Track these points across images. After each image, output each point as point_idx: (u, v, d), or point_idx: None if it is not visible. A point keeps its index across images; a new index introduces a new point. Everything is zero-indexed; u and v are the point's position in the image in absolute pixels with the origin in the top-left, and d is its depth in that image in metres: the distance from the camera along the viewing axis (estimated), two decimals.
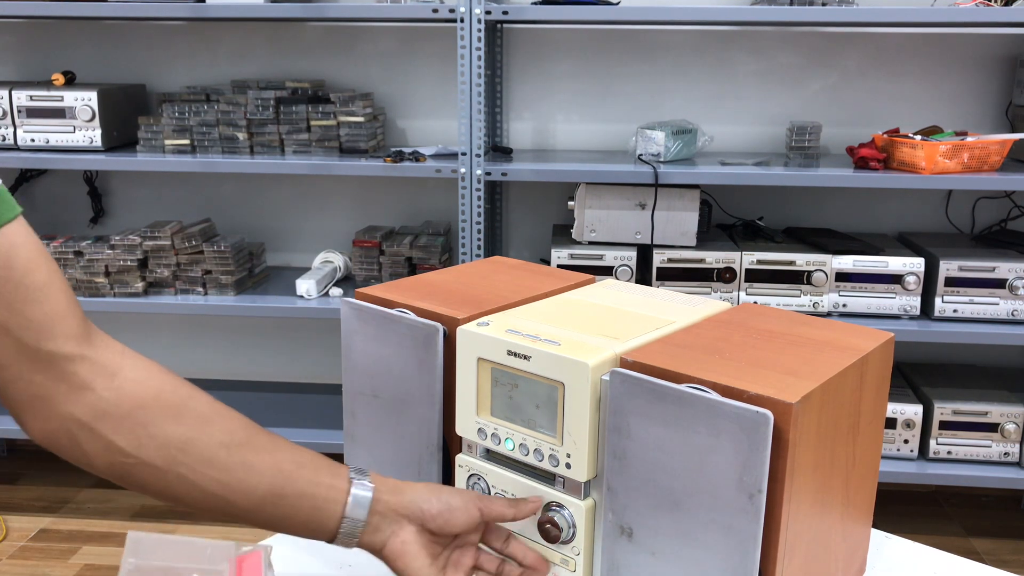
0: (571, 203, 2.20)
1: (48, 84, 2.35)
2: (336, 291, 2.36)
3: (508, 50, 2.51)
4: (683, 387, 0.72)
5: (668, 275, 2.19)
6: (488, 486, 0.87)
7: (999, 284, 2.13)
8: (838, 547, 0.84)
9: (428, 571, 0.79)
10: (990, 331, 2.11)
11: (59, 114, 2.29)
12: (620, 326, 0.86)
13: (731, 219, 2.48)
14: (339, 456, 0.90)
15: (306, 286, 2.32)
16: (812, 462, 0.74)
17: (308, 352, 2.77)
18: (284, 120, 2.32)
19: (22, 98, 2.29)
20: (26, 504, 2.55)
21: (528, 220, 2.62)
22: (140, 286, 2.33)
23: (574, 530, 0.82)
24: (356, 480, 0.79)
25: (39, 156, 2.28)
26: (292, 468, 0.77)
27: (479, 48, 2.10)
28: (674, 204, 2.17)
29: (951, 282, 2.15)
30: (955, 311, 2.16)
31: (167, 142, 2.34)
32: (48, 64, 2.61)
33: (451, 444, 0.92)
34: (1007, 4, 2.11)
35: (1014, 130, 2.37)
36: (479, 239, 2.21)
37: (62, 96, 2.28)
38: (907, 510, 2.58)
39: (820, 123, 2.36)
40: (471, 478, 0.89)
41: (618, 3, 2.20)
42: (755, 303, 0.99)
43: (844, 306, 2.18)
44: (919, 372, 2.43)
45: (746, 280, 2.18)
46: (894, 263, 2.15)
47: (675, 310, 0.92)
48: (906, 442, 2.20)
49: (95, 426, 0.70)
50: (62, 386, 0.69)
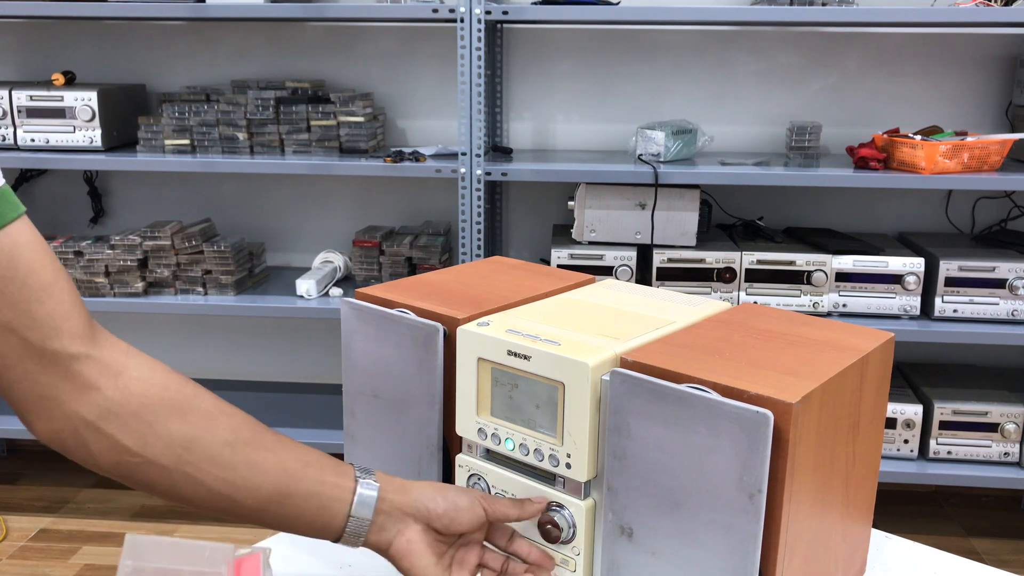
0: (571, 203, 2.20)
1: (48, 84, 2.35)
2: (336, 291, 2.36)
3: (508, 50, 2.51)
4: (683, 387, 0.72)
5: (668, 275, 2.19)
6: (488, 486, 0.87)
7: (999, 284, 2.13)
8: (838, 547, 0.84)
9: (434, 570, 0.79)
10: (990, 331, 2.11)
11: (59, 114, 2.29)
12: (620, 326, 0.86)
13: (731, 219, 2.48)
14: (339, 456, 0.90)
15: (306, 286, 2.32)
16: (812, 462, 0.74)
17: (308, 352, 2.77)
18: (284, 120, 2.32)
19: (22, 98, 2.29)
20: (26, 504, 2.55)
21: (528, 220, 2.62)
22: (140, 286, 2.33)
23: (574, 530, 0.82)
24: (362, 479, 0.79)
25: (39, 156, 2.28)
26: (297, 467, 0.77)
27: (479, 48, 2.10)
28: (674, 204, 2.17)
29: (951, 282, 2.15)
30: (955, 311, 2.16)
31: (167, 142, 2.34)
32: (48, 64, 2.61)
33: (451, 444, 0.92)
34: (1007, 4, 2.11)
35: (1014, 130, 2.37)
36: (479, 239, 2.21)
37: (62, 96, 2.28)
38: (907, 510, 2.58)
39: (820, 123, 2.36)
40: (471, 478, 0.89)
41: (618, 3, 2.20)
42: (755, 303, 0.99)
43: (844, 306, 2.18)
44: (919, 372, 2.43)
45: (746, 280, 2.18)
46: (894, 263, 2.15)
47: (675, 310, 0.92)
48: (906, 442, 2.20)
49: (101, 425, 0.70)
50: (67, 385, 0.69)
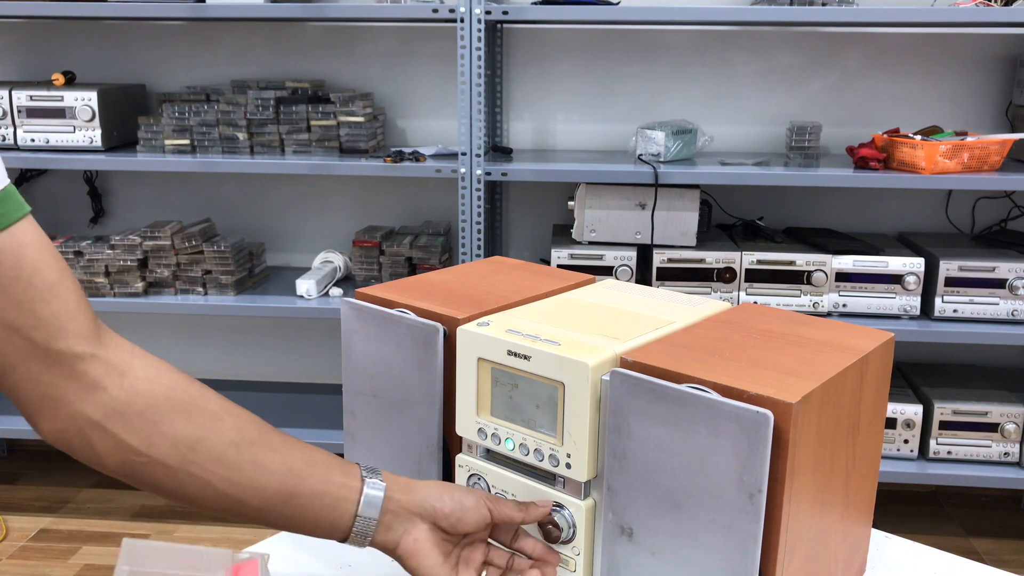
0: (571, 203, 2.20)
1: (48, 84, 2.35)
2: (336, 291, 2.36)
3: (508, 50, 2.51)
4: (683, 387, 0.72)
5: (668, 275, 2.19)
6: (488, 486, 0.87)
7: (999, 284, 2.13)
8: (838, 547, 0.84)
9: (441, 569, 0.79)
10: (990, 331, 2.11)
11: (59, 114, 2.29)
12: (620, 326, 0.86)
13: (731, 219, 2.48)
14: (340, 456, 0.90)
15: (306, 286, 2.32)
16: (812, 462, 0.74)
17: (308, 352, 2.77)
18: (284, 120, 2.32)
19: (22, 98, 2.29)
20: (26, 504, 2.55)
21: (528, 220, 2.62)
22: (140, 286, 2.33)
23: (574, 530, 0.82)
24: (368, 479, 0.79)
25: (39, 156, 2.28)
26: (303, 467, 0.77)
27: (479, 48, 2.10)
28: (674, 204, 2.17)
29: (951, 282, 2.15)
30: (955, 311, 2.16)
31: (167, 142, 2.34)
32: (48, 64, 2.61)
33: (451, 444, 0.92)
34: (1007, 4, 2.11)
35: (1014, 130, 2.37)
36: (479, 239, 2.21)
37: (62, 96, 2.28)
38: (907, 510, 2.58)
39: (820, 123, 2.36)
40: (471, 478, 0.89)
41: (618, 3, 2.20)
42: (755, 303, 0.99)
43: (844, 306, 2.17)
44: (919, 372, 2.43)
45: (746, 280, 2.18)
46: (894, 263, 2.15)
47: (675, 310, 0.92)
48: (906, 442, 2.20)
49: (107, 425, 0.70)
50: (73, 385, 0.69)
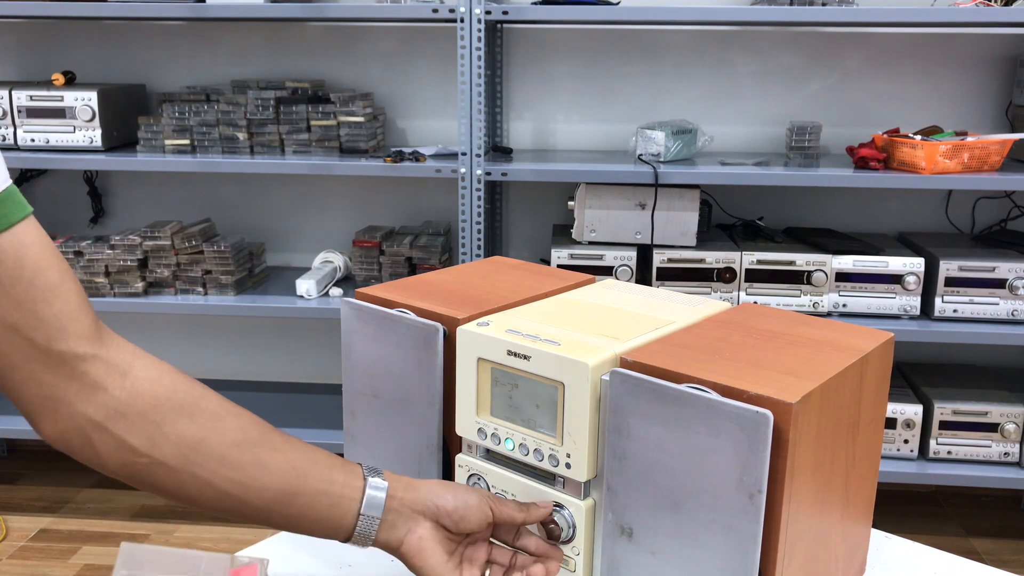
0: (571, 203, 2.20)
1: (48, 84, 2.35)
2: (336, 291, 2.36)
3: (508, 50, 2.51)
4: (683, 387, 0.72)
5: (668, 275, 2.19)
6: (488, 486, 0.87)
7: (999, 284, 2.13)
8: (838, 547, 0.84)
9: (445, 567, 0.79)
10: (990, 331, 2.11)
11: (59, 114, 2.29)
12: (620, 326, 0.86)
13: (731, 219, 2.48)
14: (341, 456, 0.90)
15: (306, 286, 2.32)
16: (812, 462, 0.74)
17: (308, 352, 2.77)
18: (284, 120, 2.32)
19: (22, 98, 2.29)
20: (26, 504, 2.55)
21: (528, 220, 2.62)
22: (140, 286, 2.33)
23: (574, 530, 0.82)
24: (370, 478, 0.79)
25: (39, 156, 2.28)
26: (306, 466, 0.77)
27: (479, 48, 2.10)
28: (674, 204, 2.17)
29: (951, 282, 2.15)
30: (955, 311, 2.16)
31: (167, 142, 2.34)
32: (48, 64, 2.61)
33: (451, 444, 0.92)
34: (1007, 4, 2.11)
35: (1014, 130, 2.37)
36: (479, 239, 2.21)
37: (62, 96, 2.28)
38: (907, 510, 2.58)
39: (820, 123, 2.36)
40: (471, 478, 0.89)
41: (618, 3, 2.20)
42: (755, 303, 0.99)
43: (844, 306, 2.17)
44: (919, 372, 2.42)
45: (746, 280, 2.18)
46: (894, 263, 2.15)
47: (675, 310, 0.92)
48: (906, 442, 2.20)
49: (108, 426, 0.70)
50: (74, 386, 0.69)
